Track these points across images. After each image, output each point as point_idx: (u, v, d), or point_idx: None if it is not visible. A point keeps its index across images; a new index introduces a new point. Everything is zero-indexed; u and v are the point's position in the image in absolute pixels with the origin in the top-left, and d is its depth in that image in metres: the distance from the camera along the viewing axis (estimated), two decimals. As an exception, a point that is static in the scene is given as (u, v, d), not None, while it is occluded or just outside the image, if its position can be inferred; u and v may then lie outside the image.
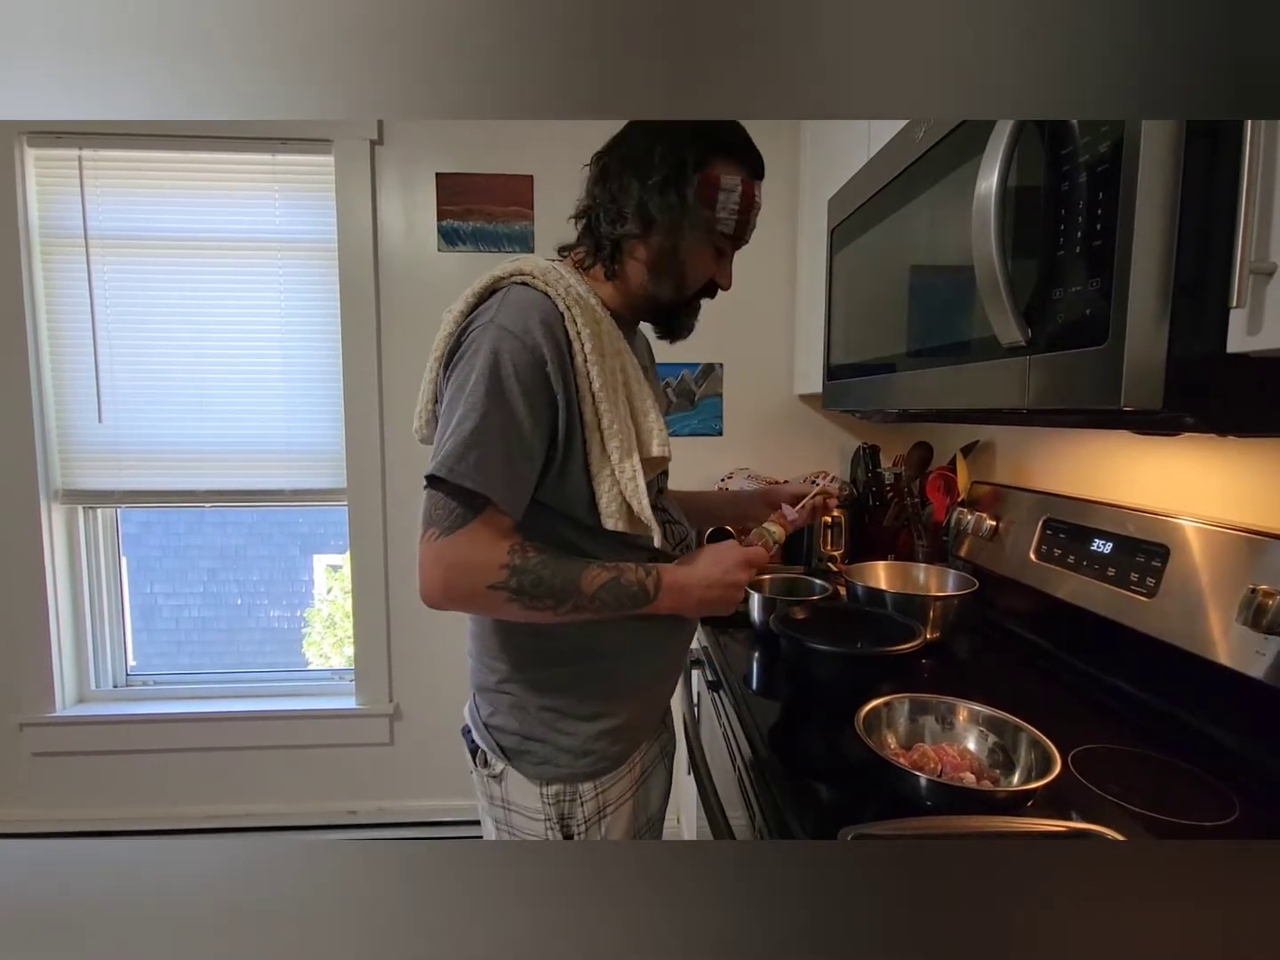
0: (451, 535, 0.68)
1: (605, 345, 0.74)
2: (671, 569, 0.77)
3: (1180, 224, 0.50)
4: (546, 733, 0.79)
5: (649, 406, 0.78)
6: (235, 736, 1.86)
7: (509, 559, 0.68)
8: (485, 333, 0.70)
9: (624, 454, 0.73)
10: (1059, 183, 0.59)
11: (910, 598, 1.13)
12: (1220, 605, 0.77)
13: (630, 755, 0.84)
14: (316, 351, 1.80)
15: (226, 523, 2.34)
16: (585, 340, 0.72)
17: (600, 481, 0.73)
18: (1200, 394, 0.53)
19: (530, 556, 0.69)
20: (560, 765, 0.79)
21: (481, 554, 0.68)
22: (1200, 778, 0.73)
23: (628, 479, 0.73)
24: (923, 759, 0.71)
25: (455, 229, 1.77)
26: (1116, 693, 0.93)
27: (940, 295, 0.82)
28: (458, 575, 0.68)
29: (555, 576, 0.69)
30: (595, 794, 0.80)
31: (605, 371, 0.72)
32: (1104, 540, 0.97)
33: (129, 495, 1.81)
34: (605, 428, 0.72)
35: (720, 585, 0.77)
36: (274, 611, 2.22)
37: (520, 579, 0.68)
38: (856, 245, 1.10)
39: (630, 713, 0.82)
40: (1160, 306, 0.51)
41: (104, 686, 1.92)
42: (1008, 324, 0.62)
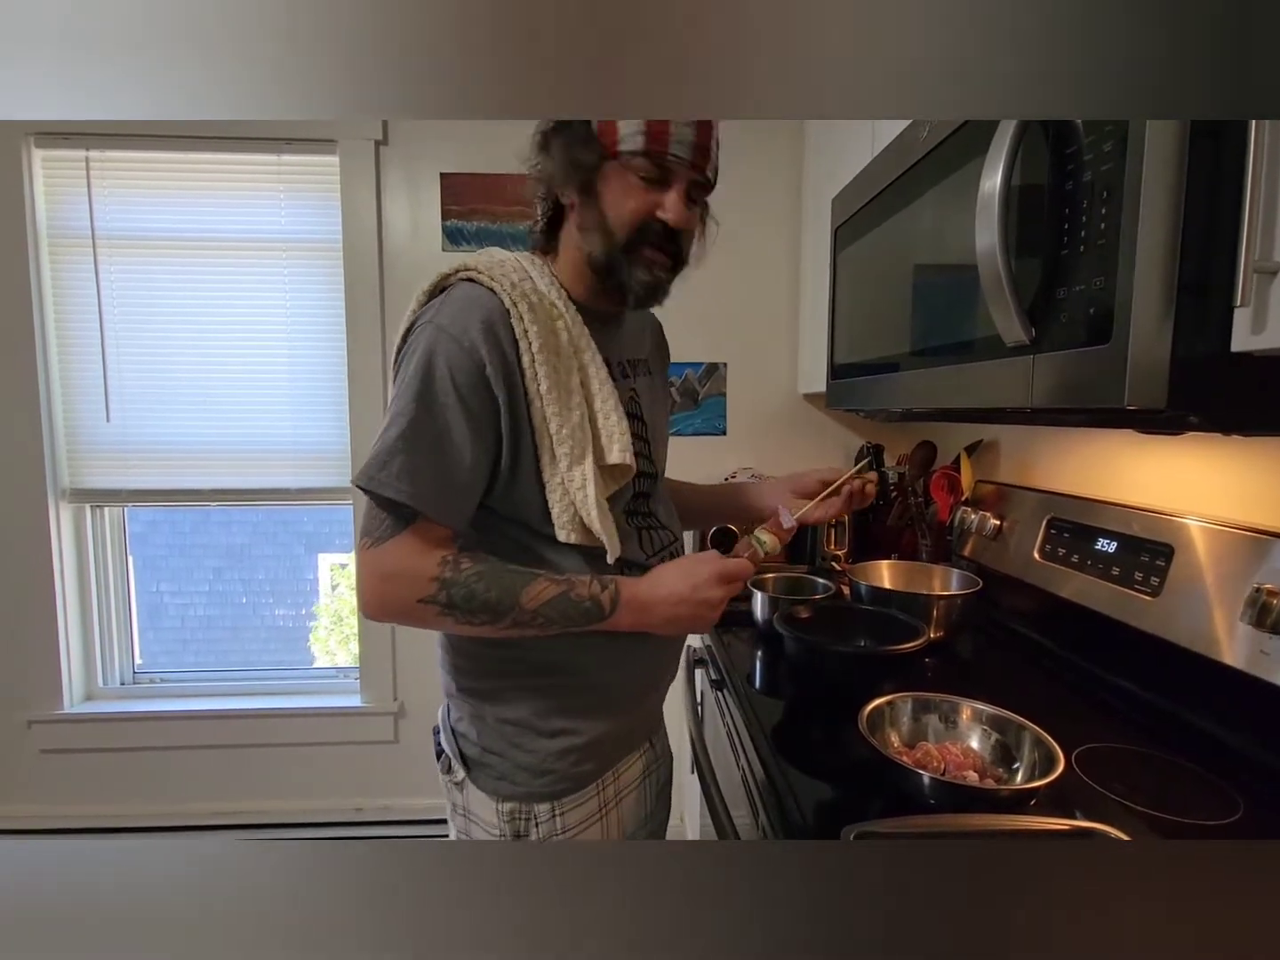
0: (383, 545, 0.65)
1: (560, 343, 0.69)
2: (634, 583, 0.70)
3: (1184, 223, 0.50)
4: (504, 747, 0.74)
5: (610, 409, 0.72)
6: (241, 734, 1.87)
7: (439, 571, 0.64)
8: (423, 334, 0.66)
9: (574, 460, 0.68)
10: (1063, 181, 0.59)
11: (914, 597, 1.12)
12: (1225, 604, 0.77)
13: (599, 776, 0.77)
14: (321, 351, 1.80)
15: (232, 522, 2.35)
16: (533, 339, 0.67)
17: (551, 490, 0.69)
18: (1204, 393, 0.53)
19: (464, 569, 0.65)
20: (517, 783, 0.74)
21: (412, 565, 0.64)
22: (1204, 777, 0.73)
23: (576, 488, 0.68)
24: (926, 758, 0.71)
25: (459, 229, 1.77)
26: (1120, 692, 0.93)
27: (944, 294, 0.82)
28: (389, 587, 0.65)
29: (490, 590, 0.65)
30: (551, 816, 0.74)
31: (558, 372, 0.68)
32: (1108, 539, 0.97)
33: (136, 494, 1.82)
34: (554, 433, 0.67)
35: (690, 603, 0.70)
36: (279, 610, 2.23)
37: (450, 592, 0.64)
38: (860, 244, 1.10)
39: (599, 731, 0.76)
40: (1164, 305, 0.51)
41: (111, 684, 1.93)
42: (1012, 323, 0.62)
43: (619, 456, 0.71)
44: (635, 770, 0.83)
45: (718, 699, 1.13)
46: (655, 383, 0.88)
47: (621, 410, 0.73)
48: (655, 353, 0.91)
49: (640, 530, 0.79)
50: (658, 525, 0.82)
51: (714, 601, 0.71)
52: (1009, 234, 0.62)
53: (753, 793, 0.83)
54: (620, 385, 0.77)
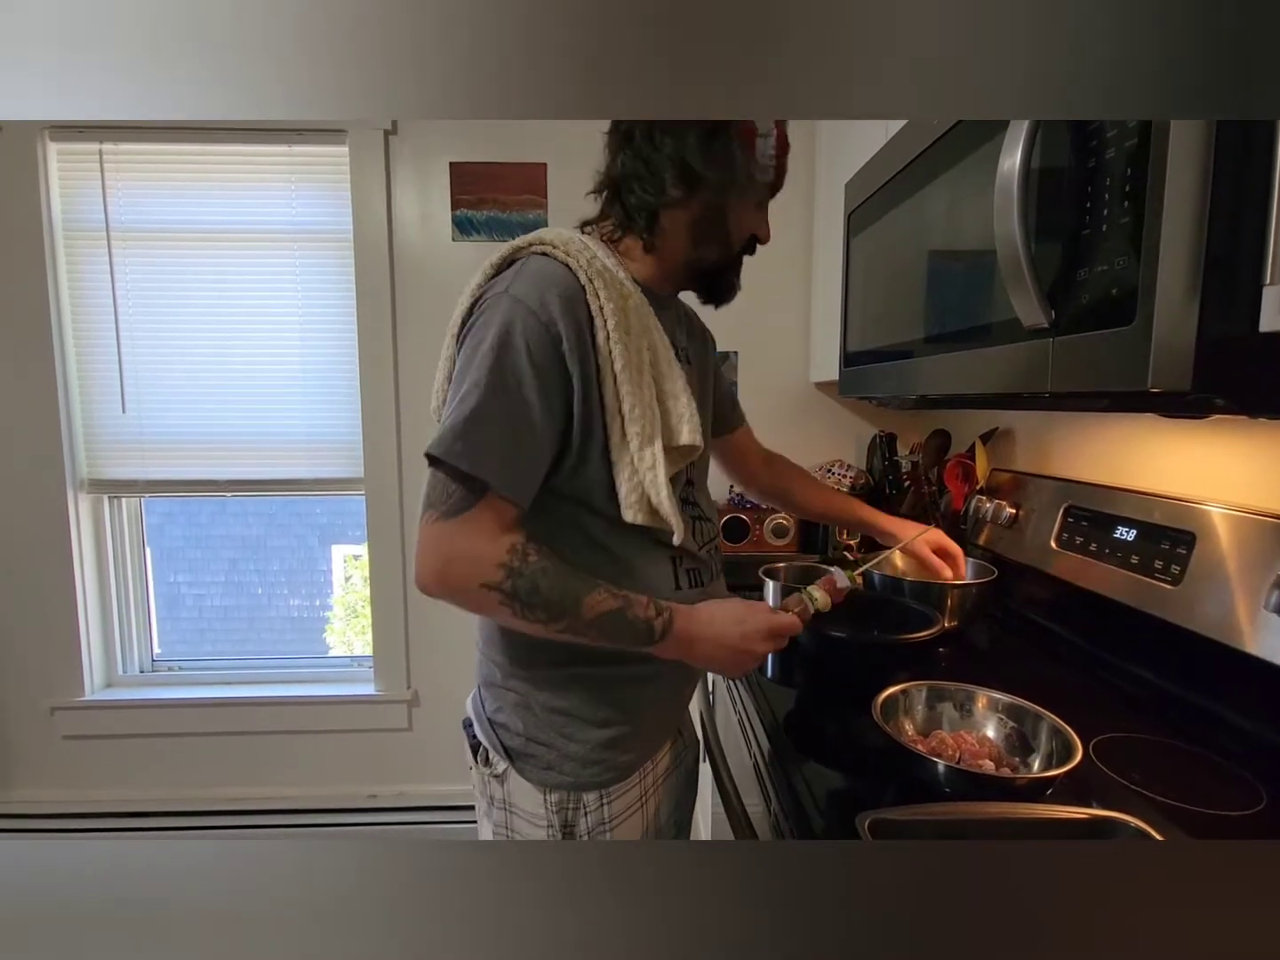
0: (451, 520, 0.63)
1: (632, 322, 0.68)
2: (688, 615, 0.70)
3: (1211, 200, 0.49)
4: (552, 736, 0.73)
5: (679, 389, 0.72)
6: (258, 721, 1.89)
7: (508, 559, 0.63)
8: (498, 304, 0.65)
9: (645, 441, 0.67)
10: (1085, 159, 0.58)
11: (928, 585, 1.11)
12: (1248, 593, 0.76)
13: (641, 765, 0.78)
14: (333, 341, 1.81)
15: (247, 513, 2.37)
16: (609, 316, 0.66)
17: (620, 470, 0.68)
18: (1231, 375, 0.52)
19: (531, 561, 0.64)
20: (565, 773, 0.73)
21: (480, 547, 0.63)
22: (1225, 767, 0.72)
23: (647, 468, 0.68)
24: (941, 746, 0.71)
25: (469, 218, 1.77)
26: (1139, 681, 0.92)
27: (960, 279, 0.81)
28: (454, 566, 0.64)
29: (554, 590, 0.64)
30: (600, 804, 0.75)
31: (630, 351, 0.67)
32: (1128, 527, 0.95)
33: (152, 485, 1.84)
34: (626, 412, 0.67)
35: (735, 651, 0.70)
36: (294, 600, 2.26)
37: (515, 583, 0.63)
38: (874, 229, 1.08)
39: (644, 720, 0.77)
40: (1190, 285, 0.50)
41: (131, 672, 1.96)
42: (1031, 306, 0.61)
43: (689, 437, 0.71)
44: (669, 758, 0.85)
45: (729, 687, 1.13)
46: (702, 373, 0.88)
47: (690, 392, 0.73)
48: (694, 342, 0.90)
49: (693, 520, 0.78)
50: (703, 517, 0.82)
51: (758, 655, 0.71)
52: (1028, 215, 0.60)
53: (765, 781, 0.82)
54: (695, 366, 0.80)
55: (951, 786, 0.64)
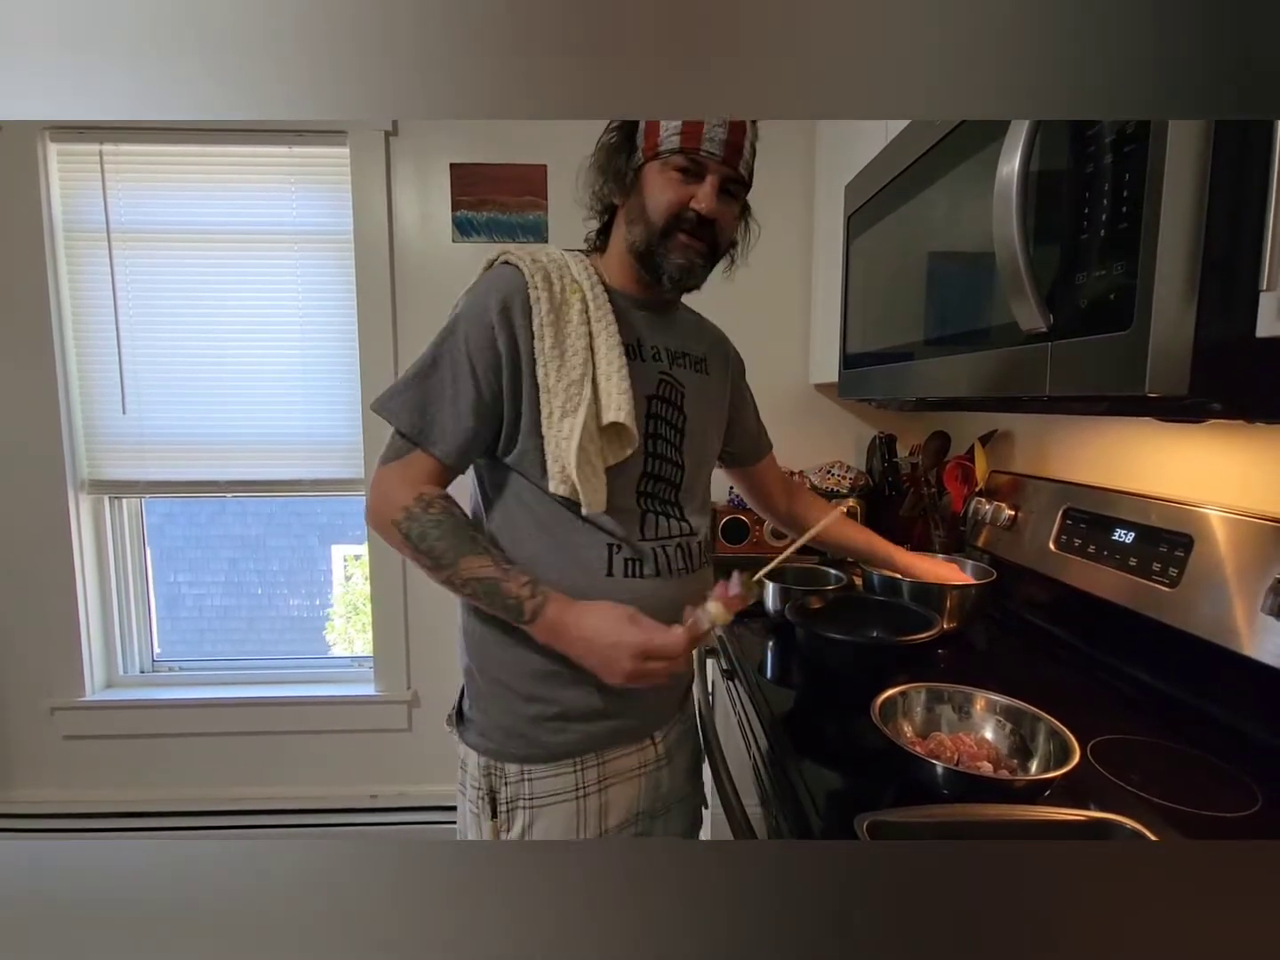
0: (387, 465, 0.75)
1: (573, 310, 0.75)
2: (564, 605, 0.72)
3: (1209, 205, 0.49)
4: (487, 704, 0.81)
5: (614, 372, 0.75)
6: (259, 721, 1.90)
7: (411, 503, 0.73)
8: (457, 305, 0.78)
9: (565, 413, 0.73)
10: (1083, 164, 0.58)
11: (926, 587, 1.12)
12: (1245, 595, 0.76)
13: (579, 755, 0.79)
14: (333, 342, 1.81)
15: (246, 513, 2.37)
16: (542, 304, 0.74)
17: (548, 442, 0.74)
18: (1228, 379, 0.52)
19: (431, 511, 0.73)
20: (492, 740, 0.80)
21: (395, 490, 0.74)
22: (1221, 769, 0.73)
23: (562, 438, 0.73)
24: (939, 748, 0.71)
25: (469, 219, 1.77)
26: (1137, 683, 0.92)
27: (959, 282, 0.81)
28: (378, 503, 0.75)
29: (441, 541, 0.72)
30: (521, 779, 0.78)
31: (561, 334, 0.74)
32: (1126, 530, 0.96)
33: (153, 485, 1.84)
34: (549, 386, 0.73)
35: (600, 657, 0.70)
36: (293, 601, 2.25)
37: (410, 526, 0.72)
38: (874, 232, 1.09)
39: (580, 707, 0.78)
40: (1187, 290, 0.50)
41: (131, 672, 1.97)
42: (1029, 310, 0.61)
43: (615, 415, 0.74)
44: (629, 763, 0.83)
45: (729, 689, 1.13)
46: (708, 382, 0.91)
47: (628, 378, 0.76)
48: (718, 360, 0.96)
49: (647, 513, 0.80)
50: (670, 515, 0.83)
51: (623, 670, 0.69)
52: (1027, 219, 0.61)
53: (764, 782, 0.83)
54: (645, 365, 0.81)
55: (950, 788, 0.64)
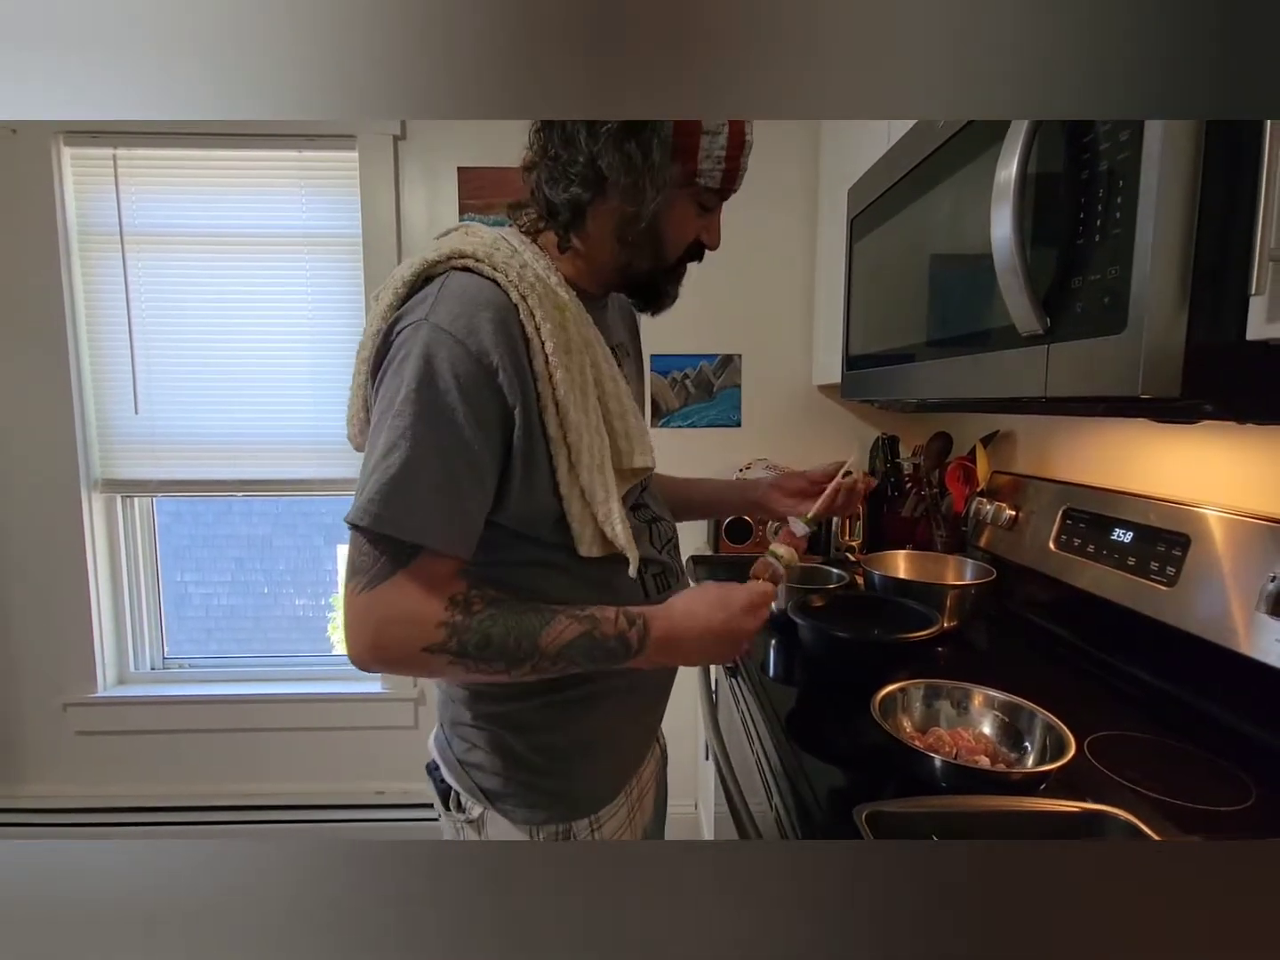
0: (376, 589, 0.56)
1: (572, 339, 0.62)
2: (663, 616, 0.64)
3: (1200, 210, 0.50)
4: (534, 772, 0.68)
5: (626, 408, 0.66)
6: (267, 718, 1.92)
7: (448, 615, 0.57)
8: (417, 334, 0.56)
9: (594, 469, 0.62)
10: (1079, 170, 0.59)
11: (927, 586, 1.13)
12: (1241, 594, 0.77)
13: (627, 782, 0.76)
14: (342, 344, 1.83)
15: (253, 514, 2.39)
16: (546, 338, 0.59)
17: (570, 502, 0.62)
18: (1219, 381, 0.53)
19: (475, 611, 0.58)
20: (552, 807, 0.69)
21: (416, 609, 0.56)
22: (1216, 764, 0.74)
23: (599, 501, 0.62)
24: (938, 742, 0.72)
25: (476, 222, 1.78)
26: (1134, 681, 0.93)
27: (960, 284, 0.83)
28: (389, 633, 0.56)
29: (508, 635, 0.57)
30: (590, 832, 0.71)
31: (572, 373, 0.61)
32: (1124, 530, 0.97)
33: (164, 484, 1.87)
34: (572, 442, 0.61)
35: (724, 636, 0.64)
36: (299, 600, 2.27)
37: (462, 639, 0.57)
38: (876, 234, 1.10)
39: (625, 735, 0.74)
40: (1179, 294, 0.52)
41: (143, 669, 1.99)
42: (1027, 313, 0.63)
43: (641, 460, 0.66)
44: (651, 768, 0.83)
45: (732, 686, 1.14)
46: (634, 365, 0.83)
47: (637, 408, 0.69)
48: (629, 335, 0.85)
49: (648, 524, 0.75)
50: (657, 517, 0.79)
51: (749, 632, 0.66)
52: (1024, 223, 0.62)
53: (767, 778, 0.84)
54: (631, 365, 0.75)
55: (948, 781, 0.65)
